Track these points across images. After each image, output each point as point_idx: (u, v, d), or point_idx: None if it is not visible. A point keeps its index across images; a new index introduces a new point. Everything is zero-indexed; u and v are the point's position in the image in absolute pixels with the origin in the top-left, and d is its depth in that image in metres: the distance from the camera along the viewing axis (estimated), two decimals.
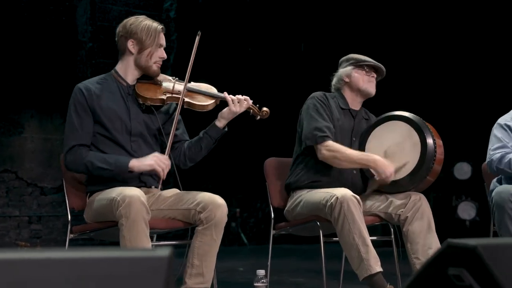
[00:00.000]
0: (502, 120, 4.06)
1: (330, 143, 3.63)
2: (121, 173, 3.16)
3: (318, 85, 3.72)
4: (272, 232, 3.83)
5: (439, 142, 3.67)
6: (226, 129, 3.40)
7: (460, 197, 7.63)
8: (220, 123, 3.36)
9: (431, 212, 3.63)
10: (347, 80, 3.83)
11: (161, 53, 3.32)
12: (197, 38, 3.40)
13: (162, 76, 3.37)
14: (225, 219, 3.16)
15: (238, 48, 8.26)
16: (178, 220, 3.22)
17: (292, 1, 8.39)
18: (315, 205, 3.54)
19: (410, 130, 3.65)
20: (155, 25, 3.31)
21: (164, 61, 3.35)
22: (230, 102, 3.33)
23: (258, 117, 3.42)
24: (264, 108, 3.42)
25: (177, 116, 3.28)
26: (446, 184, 7.80)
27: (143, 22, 3.29)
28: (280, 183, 3.88)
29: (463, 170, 7.54)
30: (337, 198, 3.40)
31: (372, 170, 3.65)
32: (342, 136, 3.74)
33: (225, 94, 3.36)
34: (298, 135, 3.79)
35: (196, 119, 3.74)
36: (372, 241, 3.48)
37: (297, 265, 6.37)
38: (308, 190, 3.66)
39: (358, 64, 3.82)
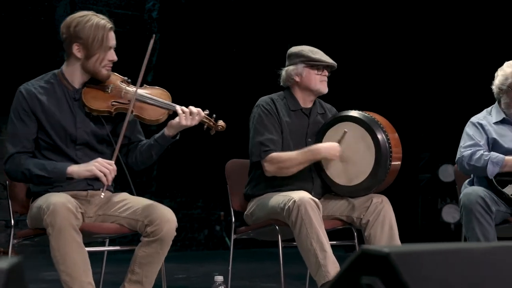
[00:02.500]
0: (475, 118, 3.96)
1: (272, 155, 3.52)
2: (60, 180, 3.02)
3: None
4: (233, 236, 3.72)
5: (394, 137, 3.55)
6: (177, 136, 3.22)
7: (445, 199, 7.51)
8: (169, 132, 3.18)
9: (393, 215, 3.52)
10: (297, 79, 3.69)
11: (111, 56, 3.10)
12: (151, 42, 3.21)
13: (113, 78, 3.16)
14: (173, 234, 3.05)
15: (223, 49, 8.15)
16: (125, 227, 3.11)
17: (278, 1, 8.27)
18: (274, 208, 3.43)
19: (362, 131, 3.53)
20: (103, 24, 3.08)
21: (147, 63, 3.16)
22: (181, 115, 3.12)
23: (214, 131, 3.24)
24: (220, 122, 3.24)
25: (124, 128, 3.07)
26: (432, 187, 7.69)
27: (89, 22, 3.05)
28: (242, 186, 3.77)
29: (447, 172, 7.42)
30: (294, 201, 3.29)
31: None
32: (296, 140, 3.63)
33: (177, 107, 3.15)
34: None
35: None
36: (334, 245, 3.37)
37: (268, 269, 6.25)
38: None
39: (310, 64, 3.66)
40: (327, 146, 3.52)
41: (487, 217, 3.59)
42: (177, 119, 3.14)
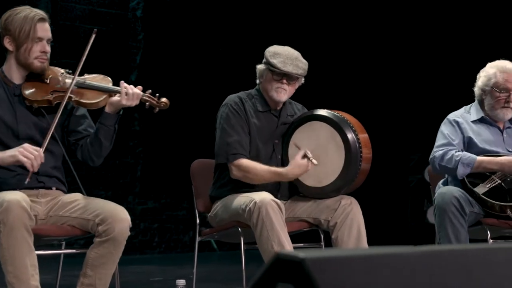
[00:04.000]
0: (452, 115, 3.85)
1: (241, 162, 3.41)
2: None
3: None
4: (198, 238, 3.61)
5: (364, 137, 3.44)
6: (120, 112, 3.11)
7: (431, 201, 7.41)
8: (109, 109, 3.08)
9: (362, 218, 3.40)
10: (261, 80, 3.57)
11: (42, 47, 3.02)
12: (93, 37, 3.11)
13: (53, 71, 3.12)
14: (126, 234, 2.95)
15: (208, 48, 8.04)
16: (77, 228, 3.01)
17: (265, 1, 8.17)
18: (236, 210, 3.32)
19: (331, 130, 3.42)
20: (32, 16, 3.02)
21: (130, 62, 3.10)
22: (122, 95, 3.04)
23: (157, 109, 3.13)
24: (163, 99, 3.13)
25: (58, 114, 2.99)
26: (422, 188, 7.58)
27: (19, 14, 3.01)
28: (208, 187, 3.65)
29: None
30: (255, 202, 3.18)
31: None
32: (263, 142, 3.51)
33: (121, 86, 3.07)
34: None
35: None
36: (299, 247, 3.26)
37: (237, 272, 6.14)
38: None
39: (268, 68, 3.50)
40: (296, 172, 3.40)
41: (461, 218, 3.49)
42: (117, 96, 3.06)
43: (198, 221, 3.63)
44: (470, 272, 1.44)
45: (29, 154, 2.88)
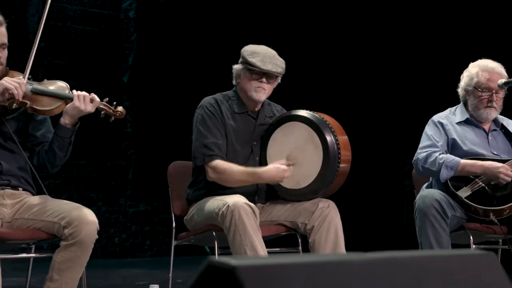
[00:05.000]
0: (436, 117, 3.78)
1: (216, 163, 3.33)
2: None
3: (287, 85, 3.42)
4: (174, 242, 3.52)
5: (343, 139, 3.35)
6: (77, 125, 3.06)
7: None
8: (65, 119, 3.03)
9: (339, 221, 3.32)
10: (238, 80, 3.50)
11: None
12: (38, 35, 3.17)
13: (12, 75, 3.03)
14: (94, 237, 2.88)
15: (202, 49, 7.97)
16: (43, 231, 2.93)
17: (262, 1, 8.09)
18: (210, 213, 3.24)
19: (310, 131, 3.33)
20: None
21: (123, 63, 3.03)
22: (75, 98, 2.98)
23: (113, 118, 3.08)
24: (119, 108, 3.09)
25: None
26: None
27: None
28: (185, 189, 3.57)
29: None
30: (228, 206, 3.10)
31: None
32: (241, 144, 3.44)
33: (73, 92, 3.02)
34: None
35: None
36: (277, 253, 3.18)
37: None
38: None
39: (246, 67, 3.43)
40: (273, 174, 3.30)
41: (442, 222, 3.40)
42: (71, 103, 3.00)
43: (174, 224, 3.55)
44: (414, 280, 1.36)
45: (12, 81, 2.88)
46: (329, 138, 3.28)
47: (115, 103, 3.10)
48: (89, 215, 2.85)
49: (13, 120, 3.02)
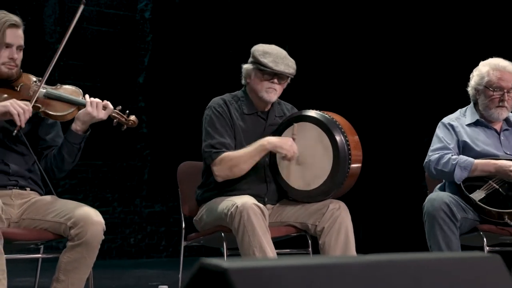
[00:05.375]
0: (446, 119, 3.72)
1: (221, 157, 3.29)
2: None
3: (302, 85, 3.41)
4: (183, 243, 3.50)
5: (354, 139, 3.30)
6: (88, 132, 3.05)
7: None
8: (76, 125, 3.02)
9: (350, 223, 3.28)
10: (248, 80, 3.46)
11: (10, 53, 2.94)
12: (81, 8, 3.06)
13: (26, 79, 3.02)
14: (100, 237, 2.85)
15: (219, 50, 7.95)
16: (49, 232, 2.92)
17: (276, 2, 8.06)
18: (219, 214, 3.22)
19: (320, 132, 3.29)
20: (3, 20, 2.94)
21: (138, 64, 3.02)
22: (87, 105, 2.97)
23: (125, 127, 3.08)
24: (132, 117, 3.08)
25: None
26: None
27: None
28: (194, 190, 3.55)
29: None
30: (236, 207, 3.07)
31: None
32: (251, 144, 3.37)
33: (86, 98, 3.01)
34: None
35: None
36: (286, 254, 3.15)
37: None
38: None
39: (258, 67, 3.39)
40: (280, 140, 3.30)
41: (451, 225, 3.34)
42: (84, 109, 2.99)
43: (183, 225, 3.53)
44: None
45: (18, 108, 2.83)
46: (338, 138, 3.25)
47: (127, 111, 3.09)
48: (95, 216, 2.83)
49: (25, 123, 3.01)
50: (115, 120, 3.05)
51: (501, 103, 3.58)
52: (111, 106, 3.01)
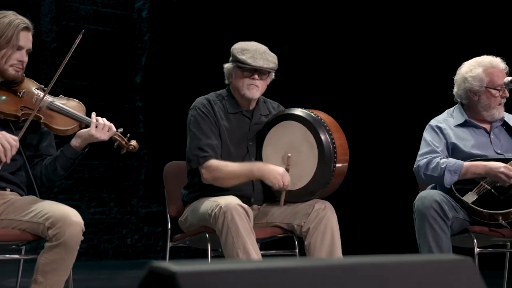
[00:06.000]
0: (434, 121, 3.64)
1: (210, 163, 3.24)
2: None
3: (302, 86, 3.35)
4: (169, 244, 3.45)
5: (339, 138, 3.24)
6: (86, 149, 3.02)
7: None
8: (76, 142, 2.99)
9: (336, 223, 3.22)
10: (230, 79, 3.41)
11: (21, 56, 2.92)
12: (79, 38, 3.04)
13: (28, 85, 2.99)
14: (78, 238, 2.78)
15: (216, 49, 7.88)
16: (28, 232, 2.86)
17: (275, 1, 8.00)
18: (203, 215, 3.16)
19: (305, 131, 3.23)
20: (16, 23, 2.92)
21: (135, 63, 2.99)
22: (92, 125, 2.95)
23: (125, 150, 3.07)
24: (133, 142, 3.08)
25: (23, 129, 2.89)
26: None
27: (3, 19, 2.93)
28: (180, 190, 3.50)
29: None
30: (220, 207, 3.01)
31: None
32: (235, 144, 3.34)
33: (92, 117, 2.98)
34: None
35: None
36: (271, 255, 3.09)
37: None
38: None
39: (237, 65, 3.35)
40: (272, 170, 3.21)
41: (442, 223, 3.27)
42: (88, 129, 2.97)
43: (169, 225, 3.48)
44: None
45: (6, 143, 2.77)
46: (324, 137, 3.19)
47: (128, 135, 3.08)
48: (73, 216, 2.78)
49: (20, 128, 2.95)
50: (116, 143, 3.06)
51: (502, 100, 3.54)
52: (114, 129, 3.00)
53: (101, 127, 2.95)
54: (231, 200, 3.05)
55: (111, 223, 7.24)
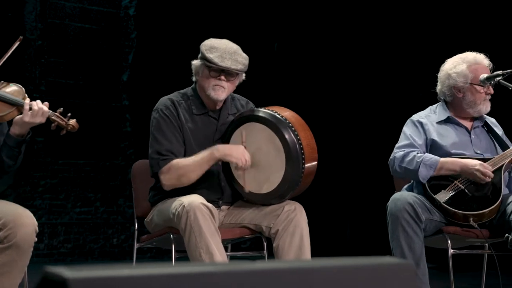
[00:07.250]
0: (416, 116, 3.58)
1: (170, 163, 3.11)
2: None
3: (292, 84, 3.27)
4: (136, 245, 3.36)
5: (307, 137, 3.12)
6: (27, 137, 2.91)
7: None
8: (15, 129, 2.88)
9: (306, 225, 3.12)
10: (197, 77, 3.29)
11: None
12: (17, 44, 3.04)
13: None
14: (32, 240, 2.71)
15: None
16: None
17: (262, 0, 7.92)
18: (167, 215, 3.07)
19: (269, 132, 3.11)
20: None
21: (122, 61, 2.88)
22: (25, 110, 2.83)
23: (64, 131, 2.93)
24: (71, 121, 2.94)
25: None
26: None
27: None
28: (148, 190, 3.41)
29: None
30: (183, 206, 2.92)
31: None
32: (202, 146, 3.18)
33: (25, 104, 2.85)
34: None
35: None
36: (239, 257, 3.00)
37: None
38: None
39: (205, 64, 3.22)
40: (231, 148, 3.12)
41: (415, 226, 3.19)
42: (21, 115, 2.85)
43: (136, 226, 3.39)
44: None
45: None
46: (288, 136, 3.06)
47: (69, 114, 2.95)
48: (26, 217, 2.69)
49: None
50: (53, 124, 2.92)
51: (487, 96, 3.46)
52: (46, 109, 2.86)
53: (35, 112, 2.82)
54: (194, 199, 2.95)
55: (97, 223, 7.16)
